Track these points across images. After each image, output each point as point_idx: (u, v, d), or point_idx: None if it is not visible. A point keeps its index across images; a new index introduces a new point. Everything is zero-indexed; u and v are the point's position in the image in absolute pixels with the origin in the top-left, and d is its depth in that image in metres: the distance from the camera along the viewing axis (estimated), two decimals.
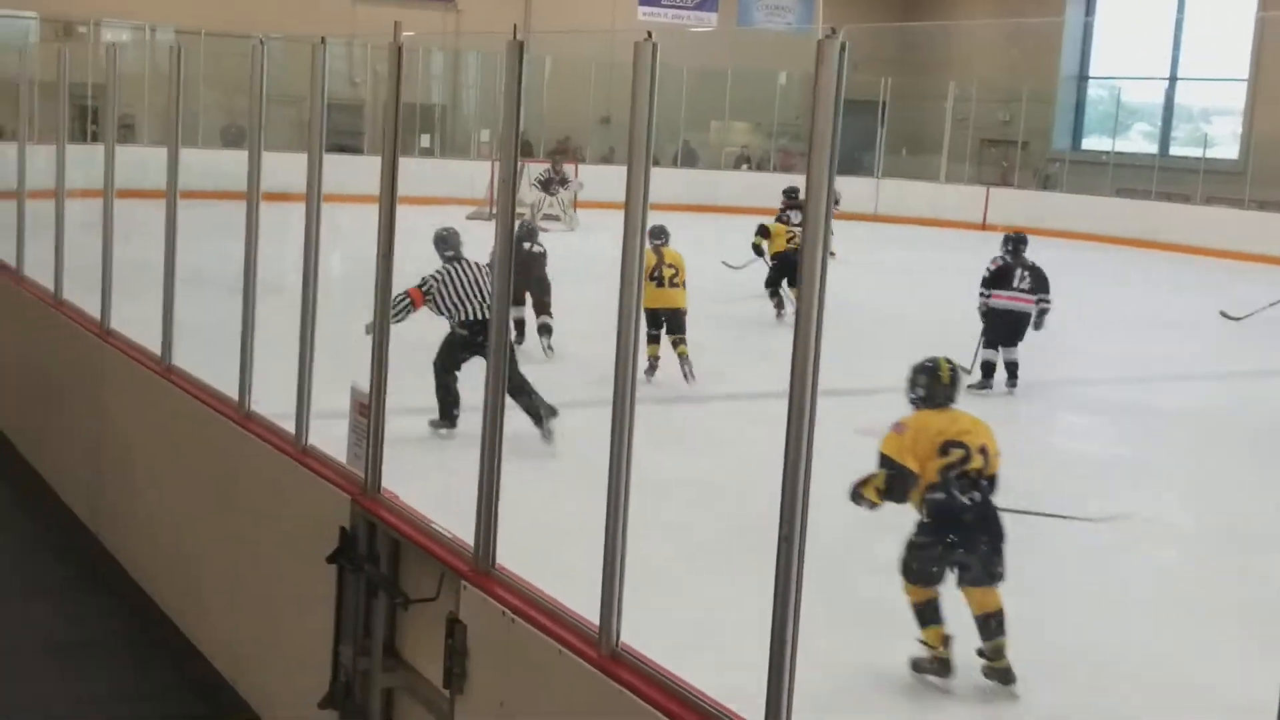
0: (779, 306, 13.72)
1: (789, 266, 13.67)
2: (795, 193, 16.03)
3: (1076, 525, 6.36)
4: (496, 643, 3.67)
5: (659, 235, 10.54)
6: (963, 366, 10.85)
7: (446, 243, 8.43)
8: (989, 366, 10.63)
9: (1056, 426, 10.50)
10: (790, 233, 13.93)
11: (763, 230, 14.36)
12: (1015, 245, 10.81)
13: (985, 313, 10.66)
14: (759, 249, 14.28)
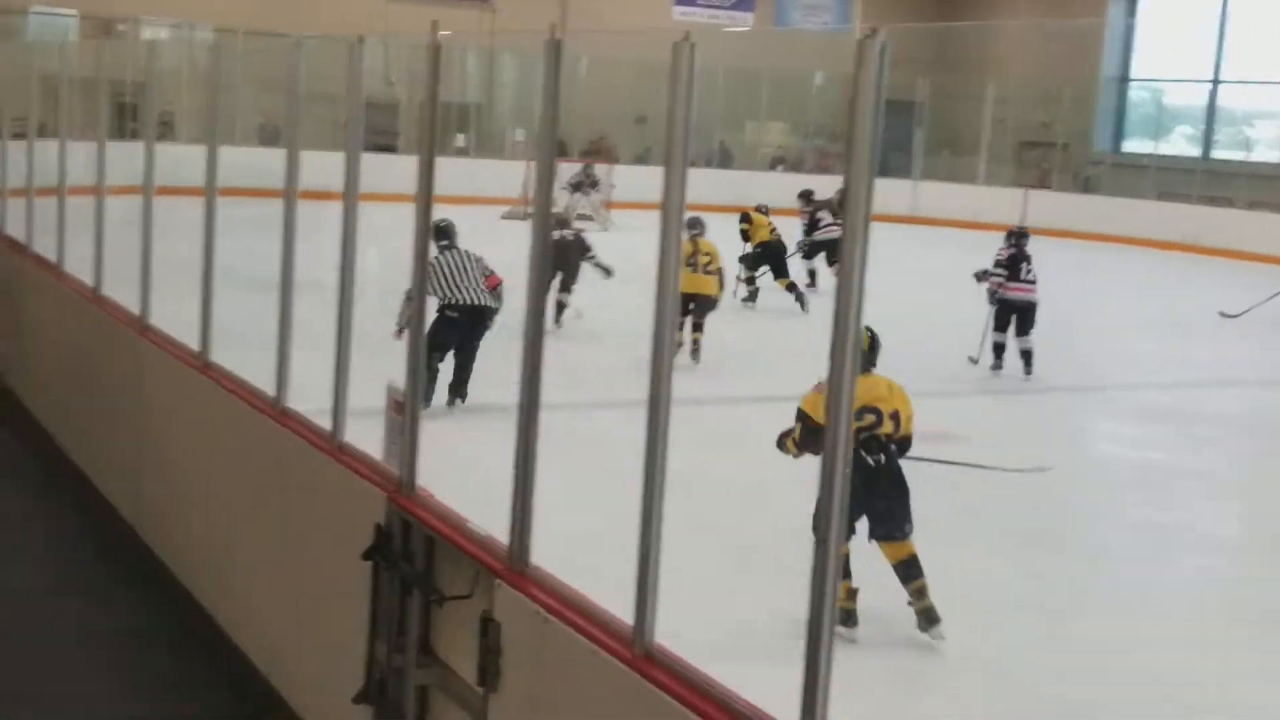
0: (799, 299, 14.10)
1: (773, 256, 14.56)
2: (810, 194, 16.31)
3: (1117, 531, 6.33)
4: (530, 641, 3.67)
5: (695, 225, 11.19)
6: (970, 356, 11.40)
7: (444, 233, 9.09)
8: (1000, 348, 11.23)
9: (1100, 432, 10.45)
10: (772, 224, 14.55)
11: (745, 218, 14.70)
12: (1019, 239, 11.37)
13: (1000, 301, 11.17)
14: (746, 235, 14.71)
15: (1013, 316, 11.20)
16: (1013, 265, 11.21)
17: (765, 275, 14.57)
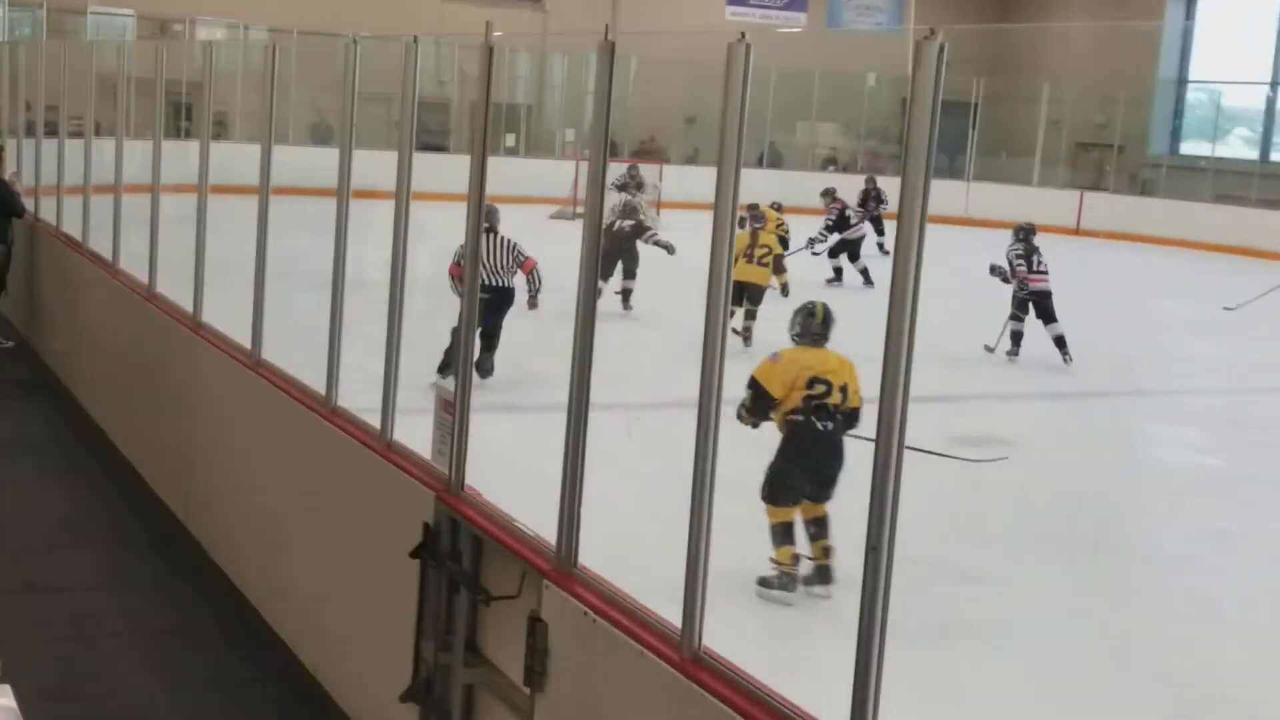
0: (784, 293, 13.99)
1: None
2: (834, 192, 16.44)
3: (1178, 539, 6.22)
4: (577, 642, 3.66)
5: (759, 220, 11.61)
6: (987, 345, 11.52)
7: (486, 216, 9.09)
8: (1018, 336, 11.81)
9: (1157, 436, 10.30)
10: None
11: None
12: (1027, 234, 12.08)
13: (1025, 295, 11.82)
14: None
15: (1030, 306, 11.82)
16: (1027, 258, 11.93)
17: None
